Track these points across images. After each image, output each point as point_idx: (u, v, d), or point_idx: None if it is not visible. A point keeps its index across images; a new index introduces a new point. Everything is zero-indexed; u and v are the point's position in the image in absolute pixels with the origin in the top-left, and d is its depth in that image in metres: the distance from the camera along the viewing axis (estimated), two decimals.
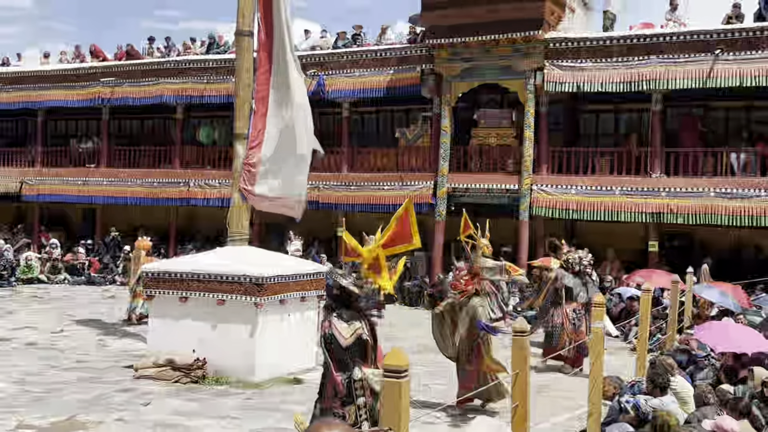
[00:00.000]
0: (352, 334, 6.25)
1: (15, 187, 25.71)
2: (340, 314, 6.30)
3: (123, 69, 24.36)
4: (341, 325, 6.23)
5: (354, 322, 6.31)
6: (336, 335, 6.18)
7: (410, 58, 20.55)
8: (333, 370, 6.18)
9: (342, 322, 6.24)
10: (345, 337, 6.21)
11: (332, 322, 6.26)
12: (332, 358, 6.18)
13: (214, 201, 22.39)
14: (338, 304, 6.36)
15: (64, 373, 10.66)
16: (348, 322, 6.28)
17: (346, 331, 6.22)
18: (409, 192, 20.10)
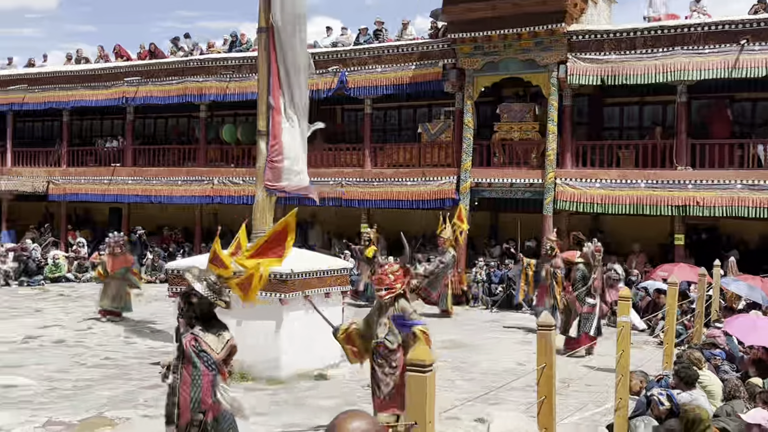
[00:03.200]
0: (224, 346, 5.65)
1: (42, 187, 26.01)
2: (205, 326, 5.63)
3: (146, 68, 24.55)
4: (209, 338, 5.59)
5: (223, 333, 5.70)
6: (207, 351, 5.52)
7: (432, 53, 20.50)
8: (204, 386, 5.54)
9: (209, 335, 5.59)
10: (217, 352, 5.59)
11: (198, 336, 5.56)
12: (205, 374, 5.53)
13: (238, 198, 22.51)
14: (200, 314, 5.68)
15: (92, 371, 10.78)
16: (216, 334, 5.65)
17: (217, 344, 5.61)
18: (433, 187, 20.10)
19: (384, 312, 6.88)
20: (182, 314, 5.87)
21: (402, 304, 6.82)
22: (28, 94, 26.36)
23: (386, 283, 6.81)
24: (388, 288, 6.81)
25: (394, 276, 6.83)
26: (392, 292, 6.80)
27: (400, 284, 6.83)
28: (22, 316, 15.94)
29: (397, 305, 6.82)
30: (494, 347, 13.22)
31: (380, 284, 6.88)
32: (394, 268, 6.93)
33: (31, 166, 26.99)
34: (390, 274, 6.85)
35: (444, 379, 9.97)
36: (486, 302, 18.57)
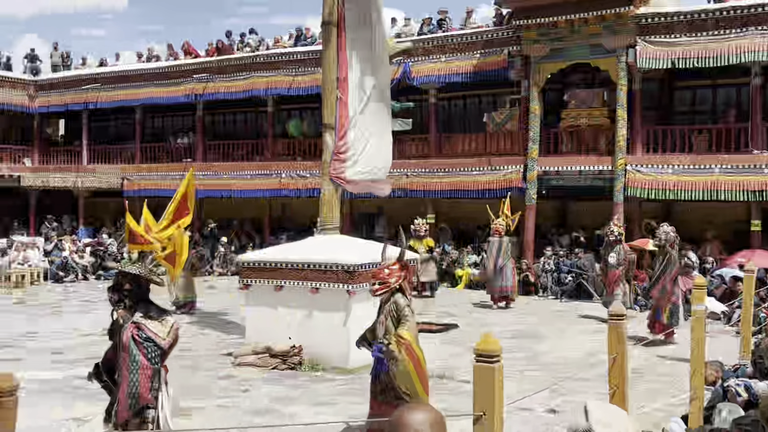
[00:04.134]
0: (169, 331, 5.35)
1: (117, 183, 26.76)
2: (146, 312, 5.33)
3: (215, 65, 24.99)
4: (153, 324, 5.28)
5: (166, 317, 5.40)
6: (153, 338, 5.22)
7: (496, 40, 20.32)
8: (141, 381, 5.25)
9: (153, 321, 5.28)
10: (163, 338, 5.29)
11: (141, 324, 5.25)
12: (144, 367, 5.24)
13: (305, 192, 22.75)
14: (137, 300, 5.38)
15: (167, 361, 11.03)
16: (160, 320, 5.34)
17: (162, 330, 5.30)
18: (499, 177, 19.94)
19: (382, 310, 6.65)
20: (117, 306, 5.49)
21: (396, 300, 6.53)
22: (102, 93, 27.14)
23: (380, 277, 6.61)
24: (382, 283, 6.57)
25: (389, 270, 6.57)
26: (385, 287, 6.54)
27: (395, 279, 6.53)
28: (100, 309, 16.43)
29: (392, 300, 6.54)
30: (564, 337, 13.07)
31: (374, 278, 6.70)
32: (392, 262, 6.68)
33: (106, 163, 27.79)
34: (386, 268, 6.62)
35: (513, 369, 9.91)
36: (555, 292, 18.35)
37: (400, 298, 6.51)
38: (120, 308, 5.46)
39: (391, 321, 6.46)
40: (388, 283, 6.50)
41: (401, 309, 6.44)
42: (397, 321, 6.43)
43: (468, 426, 4.05)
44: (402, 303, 6.47)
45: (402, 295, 6.54)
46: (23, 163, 28.96)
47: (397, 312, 6.44)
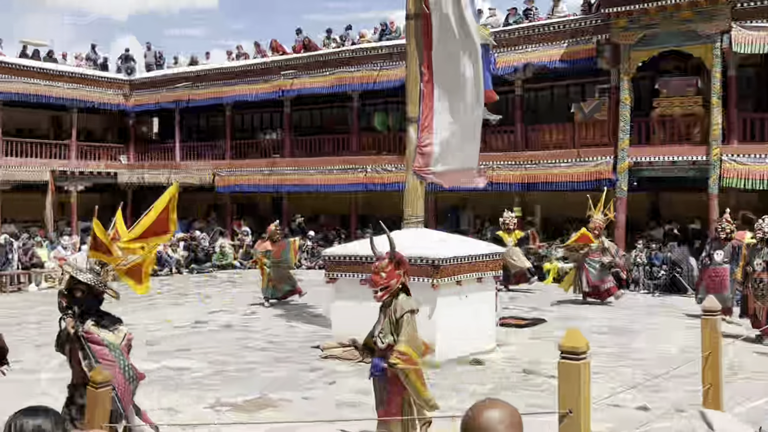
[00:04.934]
0: (122, 341, 5.20)
1: (208, 179, 27.46)
2: (97, 321, 5.16)
3: (301, 61, 25.32)
4: (104, 333, 5.14)
5: (119, 327, 5.28)
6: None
7: (585, 29, 19.89)
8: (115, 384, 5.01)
9: (104, 330, 5.14)
10: None
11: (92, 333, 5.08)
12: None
13: (390, 185, 22.79)
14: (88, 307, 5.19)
15: (256, 354, 11.28)
16: (112, 328, 5.22)
17: (113, 339, 5.16)
18: (588, 168, 19.53)
19: (383, 309, 6.38)
20: (66, 313, 5.28)
21: (399, 301, 6.24)
22: (193, 91, 27.87)
23: (380, 284, 6.25)
24: (384, 288, 6.25)
25: (386, 274, 6.25)
26: (389, 291, 6.24)
27: (395, 280, 6.23)
28: (192, 302, 16.96)
29: (396, 302, 6.26)
30: (656, 333, 12.69)
31: (374, 286, 6.31)
32: (383, 265, 6.30)
33: (197, 159, 28.55)
34: (381, 272, 6.26)
35: (603, 365, 9.69)
36: (647, 286, 17.85)
37: (404, 299, 6.26)
38: (69, 316, 5.23)
39: (389, 322, 6.21)
40: (390, 286, 6.23)
41: (401, 312, 6.16)
42: (395, 324, 6.17)
43: (554, 423, 3.97)
44: (403, 306, 6.19)
45: (405, 295, 6.30)
46: (119, 160, 30.07)
47: (396, 315, 6.18)
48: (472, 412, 2.16)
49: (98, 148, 29.56)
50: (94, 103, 28.64)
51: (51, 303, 15.65)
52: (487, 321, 11.53)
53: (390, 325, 6.18)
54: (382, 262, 6.31)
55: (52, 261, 20.59)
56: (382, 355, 6.21)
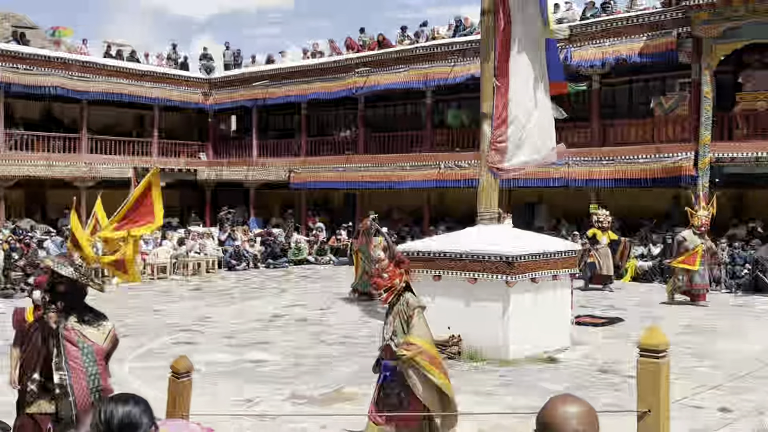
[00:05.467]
0: (107, 337, 4.97)
1: (284, 176, 27.88)
2: (80, 316, 4.94)
3: (375, 59, 25.46)
4: (88, 330, 4.92)
5: (103, 322, 5.05)
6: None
7: (665, 22, 19.41)
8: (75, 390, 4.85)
9: (87, 326, 4.93)
10: (100, 344, 4.93)
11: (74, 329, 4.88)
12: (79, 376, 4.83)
13: (464, 182, 22.70)
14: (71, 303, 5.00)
15: (331, 348, 11.42)
16: (96, 324, 4.99)
17: (97, 336, 4.95)
18: (668, 164, 19.07)
19: (390, 310, 6.23)
20: (48, 309, 5.09)
21: (407, 299, 6.08)
22: (270, 89, 28.33)
23: (384, 285, 6.12)
24: (388, 289, 6.11)
25: (388, 274, 6.11)
26: (393, 291, 6.10)
27: (398, 279, 6.09)
28: (269, 296, 17.26)
29: (403, 300, 6.08)
30: (738, 333, 12.33)
31: (378, 287, 6.20)
32: (384, 265, 6.17)
33: (273, 156, 29.01)
34: (384, 272, 6.13)
35: (682, 365, 9.47)
36: (729, 285, 17.33)
37: (411, 296, 6.11)
38: (51, 311, 5.05)
39: (401, 321, 6.08)
40: (394, 286, 6.09)
41: (411, 309, 6.02)
42: (406, 322, 6.06)
43: (631, 424, 3.91)
44: (413, 302, 6.06)
45: (411, 293, 6.15)
46: (199, 157, 30.81)
47: (407, 313, 6.04)
48: (548, 407, 2.16)
49: (178, 146, 30.37)
50: (175, 101, 29.45)
51: (132, 297, 16.19)
52: (563, 319, 11.39)
53: (402, 325, 6.06)
54: (382, 263, 6.21)
55: None
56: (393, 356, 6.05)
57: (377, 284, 6.18)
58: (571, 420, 2.09)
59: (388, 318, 6.20)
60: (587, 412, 2.12)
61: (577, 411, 2.11)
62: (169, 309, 15.27)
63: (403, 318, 6.04)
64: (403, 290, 6.11)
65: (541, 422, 2.14)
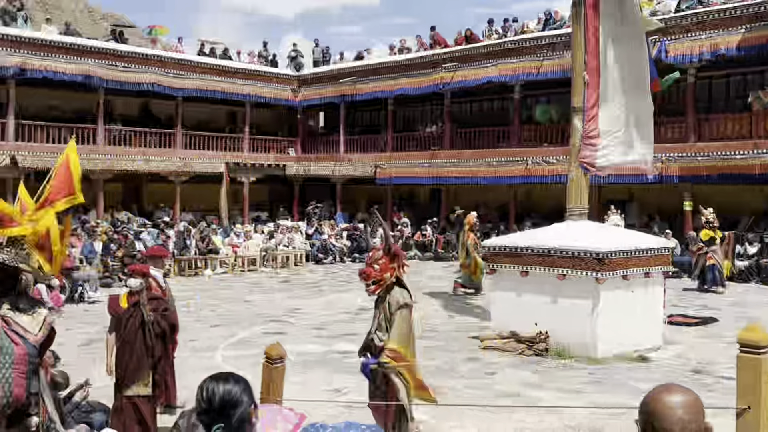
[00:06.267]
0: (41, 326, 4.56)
1: (370, 171, 28.08)
2: (13, 304, 4.51)
3: (462, 54, 25.35)
4: (22, 318, 4.51)
5: (38, 309, 4.59)
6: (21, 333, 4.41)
7: (765, 13, 18.66)
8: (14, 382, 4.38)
9: (21, 315, 4.51)
10: (34, 333, 4.50)
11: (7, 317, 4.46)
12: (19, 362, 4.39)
13: (552, 178, 22.39)
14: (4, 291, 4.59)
15: (417, 342, 11.43)
16: (30, 312, 4.55)
17: (32, 324, 4.54)
18: (766, 160, 18.36)
19: (379, 305, 6.10)
20: None
21: (393, 295, 5.97)
22: (357, 86, 28.59)
23: (373, 276, 5.98)
24: (377, 281, 5.98)
25: (380, 266, 5.98)
26: (382, 284, 5.98)
27: (389, 273, 5.97)
28: (355, 289, 17.43)
29: (390, 296, 5.97)
30: None
31: (367, 279, 6.03)
32: (377, 256, 6.05)
33: (360, 152, 29.27)
34: (375, 264, 6.00)
35: None
36: None
37: (397, 292, 5.99)
38: None
39: (385, 317, 5.99)
40: (383, 279, 5.99)
41: (395, 307, 5.93)
42: (389, 320, 5.96)
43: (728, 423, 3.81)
44: (398, 299, 5.94)
45: (400, 288, 6.03)
46: (288, 153, 31.35)
47: (390, 309, 5.95)
48: (653, 395, 2.13)
49: (268, 141, 30.98)
50: (265, 98, 30.05)
51: (225, 288, 16.66)
52: (655, 318, 11.14)
53: (385, 321, 5.98)
54: (376, 254, 6.14)
55: (226, 247, 21.82)
56: (376, 353, 6.01)
57: (367, 274, 6.04)
58: (677, 409, 2.07)
59: (376, 311, 6.14)
60: (693, 401, 2.10)
61: (682, 400, 2.09)
62: (259, 300, 15.64)
63: (387, 314, 5.97)
64: (393, 285, 6.03)
65: (645, 411, 2.12)
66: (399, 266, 6.08)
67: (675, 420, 2.06)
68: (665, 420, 2.07)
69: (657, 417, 2.08)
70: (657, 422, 2.08)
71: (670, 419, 2.06)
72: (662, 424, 2.07)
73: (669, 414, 2.07)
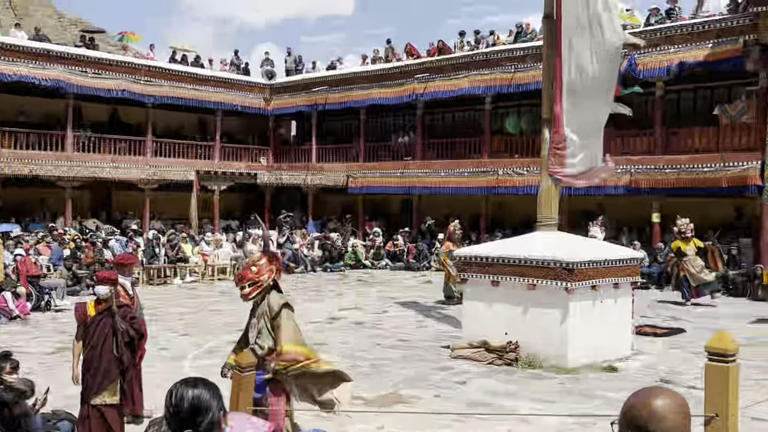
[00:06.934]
0: None
1: (342, 181, 28.05)
2: None
3: (435, 65, 25.47)
4: None
5: None
6: None
7: (731, 29, 19.00)
8: None
9: None
10: None
11: None
12: None
13: (523, 188, 22.56)
14: None
15: (388, 351, 11.47)
16: None
17: None
18: (734, 173, 18.64)
19: (254, 311, 5.85)
20: None
21: (270, 299, 5.73)
22: (330, 94, 28.59)
23: (250, 278, 5.73)
24: (253, 283, 5.74)
25: (257, 268, 5.74)
26: (258, 287, 5.74)
27: (267, 275, 5.74)
28: (326, 299, 17.40)
29: (267, 300, 5.74)
30: None
31: (241, 281, 5.79)
32: (256, 258, 5.83)
33: (332, 161, 29.24)
34: (252, 266, 5.76)
35: (746, 378, 9.23)
36: None
37: (274, 296, 5.77)
38: None
39: (265, 323, 5.72)
40: (260, 282, 5.74)
41: (274, 310, 5.69)
42: (272, 322, 5.69)
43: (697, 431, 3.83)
44: (277, 301, 5.72)
45: (277, 293, 5.83)
46: (259, 161, 31.22)
47: (271, 314, 5.70)
48: (640, 399, 2.07)
49: (240, 150, 30.84)
50: (237, 106, 29.93)
51: (194, 296, 16.50)
52: (623, 328, 11.23)
53: (266, 327, 5.71)
54: (254, 256, 5.90)
55: (196, 256, 21.64)
56: (262, 366, 5.55)
57: (243, 276, 5.80)
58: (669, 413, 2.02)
59: (252, 320, 5.86)
60: (684, 404, 2.06)
61: (674, 403, 2.05)
62: (228, 309, 15.51)
63: (268, 319, 5.72)
64: (269, 289, 5.81)
65: (633, 414, 2.05)
66: (277, 270, 5.89)
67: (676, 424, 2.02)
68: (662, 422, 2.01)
69: (653, 421, 2.02)
70: (653, 426, 2.02)
71: (666, 423, 2.01)
72: (659, 427, 2.01)
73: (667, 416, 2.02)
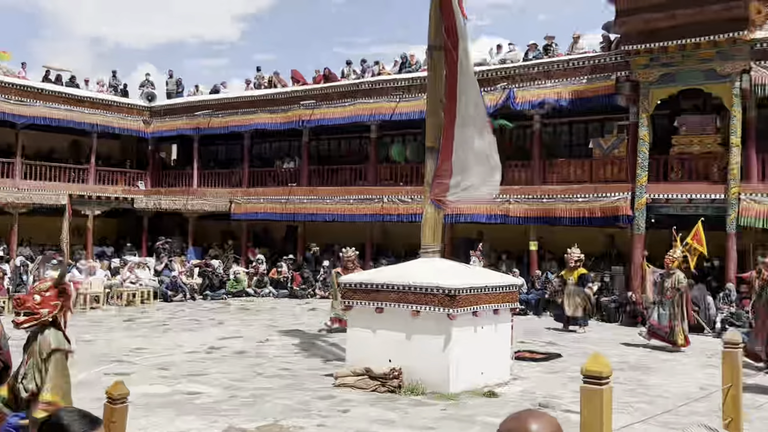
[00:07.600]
0: None
1: (225, 207, 27.54)
2: None
3: (321, 92, 25.51)
4: None
5: None
6: None
7: (604, 66, 19.96)
8: None
9: None
10: None
11: None
12: None
13: (407, 216, 22.79)
14: None
15: (270, 380, 11.21)
16: None
17: None
18: (606, 204, 19.47)
19: (28, 347, 5.26)
20: None
21: (45, 337, 5.15)
22: (213, 119, 28.12)
23: (28, 307, 5.14)
24: (29, 313, 5.14)
25: (41, 298, 5.14)
26: (34, 318, 5.13)
27: (48, 309, 5.15)
28: (206, 328, 16.91)
29: (42, 337, 5.15)
30: (673, 370, 12.53)
31: (20, 306, 5.19)
32: (43, 287, 5.23)
33: (214, 186, 28.69)
34: (36, 294, 5.18)
35: (620, 401, 9.54)
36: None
37: (49, 336, 5.16)
38: None
39: (35, 363, 5.13)
40: (38, 315, 5.13)
41: (47, 350, 5.12)
42: (43, 364, 5.11)
43: None
44: (49, 342, 5.12)
45: (55, 332, 5.21)
46: (137, 186, 30.26)
47: (41, 355, 5.11)
48: (515, 423, 2.09)
49: (116, 174, 29.81)
50: (114, 128, 28.96)
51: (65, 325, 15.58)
52: (503, 353, 11.42)
53: (34, 367, 5.12)
54: (43, 284, 5.30)
55: None
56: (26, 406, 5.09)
57: (23, 301, 5.20)
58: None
59: (24, 355, 5.27)
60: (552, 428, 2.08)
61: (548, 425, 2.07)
62: (101, 339, 14.82)
63: (39, 359, 5.14)
64: (47, 325, 5.21)
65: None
66: (63, 307, 5.26)
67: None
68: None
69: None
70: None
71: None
72: None
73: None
